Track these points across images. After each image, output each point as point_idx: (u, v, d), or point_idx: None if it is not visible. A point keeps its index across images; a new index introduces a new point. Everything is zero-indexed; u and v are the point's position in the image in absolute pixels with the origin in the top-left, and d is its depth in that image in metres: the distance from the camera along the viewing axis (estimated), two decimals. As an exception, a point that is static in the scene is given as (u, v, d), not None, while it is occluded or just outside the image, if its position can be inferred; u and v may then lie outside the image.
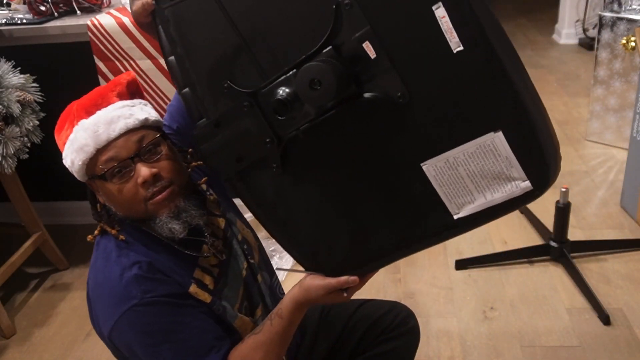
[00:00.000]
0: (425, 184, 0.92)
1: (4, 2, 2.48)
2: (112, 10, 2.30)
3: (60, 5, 2.33)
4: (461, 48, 0.82)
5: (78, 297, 2.34)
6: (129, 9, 2.23)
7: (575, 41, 4.77)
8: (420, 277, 2.27)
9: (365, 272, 1.02)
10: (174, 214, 1.04)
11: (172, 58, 0.98)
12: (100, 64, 2.26)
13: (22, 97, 2.02)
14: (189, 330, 1.01)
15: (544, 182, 0.89)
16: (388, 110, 0.88)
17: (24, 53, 2.36)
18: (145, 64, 2.24)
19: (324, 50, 0.86)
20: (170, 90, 2.29)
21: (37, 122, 2.11)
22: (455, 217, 0.93)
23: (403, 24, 0.83)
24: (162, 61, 2.23)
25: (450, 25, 0.81)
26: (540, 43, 4.92)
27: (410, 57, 0.85)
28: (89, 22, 2.20)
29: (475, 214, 0.92)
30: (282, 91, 0.89)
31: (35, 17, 2.32)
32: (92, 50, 2.23)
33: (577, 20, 4.72)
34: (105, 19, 2.20)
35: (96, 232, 1.09)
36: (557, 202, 2.17)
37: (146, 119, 1.04)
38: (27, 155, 2.11)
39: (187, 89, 0.98)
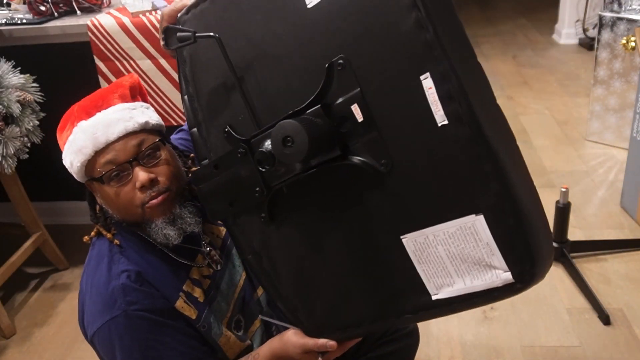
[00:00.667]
0: (404, 257, 0.88)
1: (4, 2, 2.48)
2: (112, 10, 2.30)
3: (60, 5, 2.33)
4: (446, 122, 0.78)
5: (78, 297, 2.34)
6: (129, 9, 2.23)
7: (575, 41, 4.77)
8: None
9: (344, 338, 0.99)
10: (169, 219, 1.03)
11: (185, 97, 1.01)
12: (100, 64, 2.26)
13: (22, 97, 2.02)
14: (167, 351, 1.00)
15: (528, 277, 0.81)
16: (371, 176, 0.85)
17: (24, 53, 2.36)
18: (145, 64, 2.24)
19: (312, 108, 0.85)
20: (170, 90, 2.29)
21: (37, 122, 2.11)
22: (433, 297, 0.88)
23: (392, 89, 0.81)
24: (162, 61, 2.23)
25: (436, 98, 0.78)
26: (540, 43, 4.92)
27: (397, 125, 0.82)
28: (89, 22, 2.20)
29: (453, 298, 0.87)
30: (268, 144, 0.88)
31: (35, 17, 2.32)
32: (92, 50, 2.23)
33: (577, 20, 4.72)
34: (105, 19, 2.20)
35: (92, 233, 1.09)
36: (557, 202, 2.17)
37: (146, 123, 1.03)
38: (27, 155, 2.11)
39: (195, 129, 1.00)
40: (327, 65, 0.83)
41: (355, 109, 0.83)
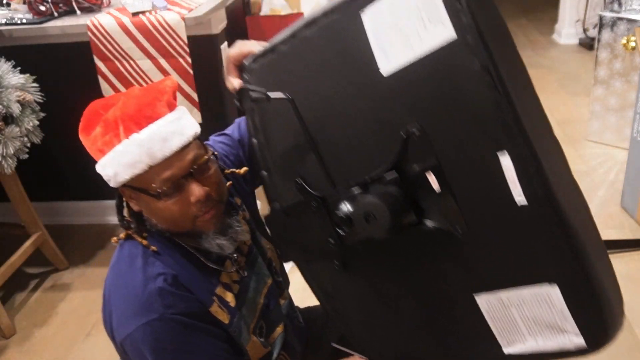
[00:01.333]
0: (477, 313, 0.89)
1: (4, 2, 2.48)
2: (112, 10, 2.30)
3: (60, 5, 2.33)
4: (525, 203, 0.77)
5: (78, 297, 2.34)
6: (129, 9, 2.23)
7: (575, 41, 4.76)
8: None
9: None
10: (220, 230, 1.03)
11: (254, 141, 1.03)
12: (100, 64, 2.26)
13: (22, 97, 2.02)
14: (201, 354, 1.00)
15: (600, 342, 0.84)
16: (445, 239, 0.86)
17: (24, 53, 2.36)
18: (145, 64, 2.24)
19: (388, 174, 0.86)
20: (170, 90, 2.29)
21: (37, 122, 2.11)
22: (505, 350, 0.91)
23: (469, 161, 0.80)
24: (162, 61, 2.23)
25: (515, 178, 0.76)
26: (540, 43, 4.92)
27: (473, 195, 0.82)
28: (89, 22, 2.20)
29: (525, 355, 0.89)
30: (346, 207, 0.89)
31: (35, 17, 2.32)
32: (92, 50, 2.23)
33: (577, 20, 4.71)
34: (105, 19, 2.20)
35: (122, 235, 1.06)
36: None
37: (195, 133, 1.01)
38: (27, 155, 2.11)
39: (264, 172, 1.03)
40: (403, 133, 0.83)
41: (431, 177, 0.84)
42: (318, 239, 0.97)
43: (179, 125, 0.98)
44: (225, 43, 2.44)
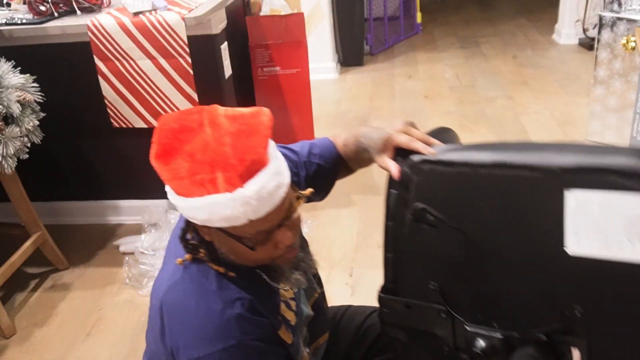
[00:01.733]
0: None
1: (4, 2, 2.48)
2: (112, 10, 2.30)
3: (60, 5, 2.33)
4: None
5: (78, 297, 2.34)
6: (129, 9, 2.23)
7: (575, 41, 4.77)
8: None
9: None
10: (294, 264, 1.02)
11: (390, 224, 1.03)
12: (100, 64, 2.26)
13: (22, 97, 2.02)
14: None
15: None
16: None
17: (24, 53, 2.36)
18: (145, 64, 2.24)
19: (536, 337, 0.87)
20: (170, 90, 2.29)
21: (37, 122, 2.11)
22: None
23: (620, 350, 0.82)
24: (162, 61, 2.23)
25: None
26: (540, 43, 4.92)
27: None
28: (89, 22, 2.20)
29: None
30: (480, 343, 0.91)
31: (35, 17, 2.32)
32: (92, 50, 2.23)
33: (577, 20, 4.72)
34: (105, 19, 2.20)
35: (187, 257, 1.01)
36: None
37: (290, 179, 0.94)
38: (27, 155, 2.11)
39: (390, 255, 1.04)
40: (567, 311, 0.84)
41: (576, 353, 0.85)
42: (433, 342, 1.00)
43: (280, 177, 0.89)
44: (225, 43, 2.44)
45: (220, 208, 0.85)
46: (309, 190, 1.04)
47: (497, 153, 0.90)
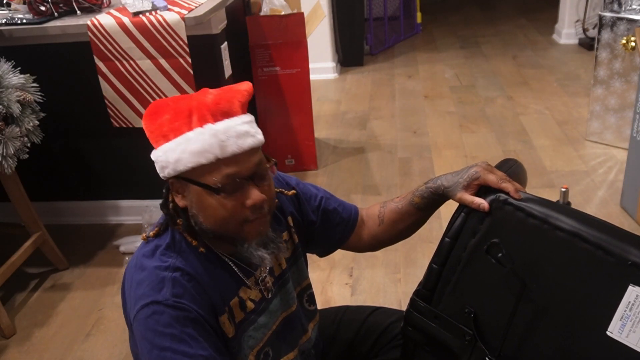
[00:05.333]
0: None
1: (4, 2, 2.48)
2: (112, 10, 2.30)
3: (60, 5, 2.33)
4: None
5: (78, 297, 2.34)
6: (129, 9, 2.23)
7: (575, 41, 4.77)
8: (420, 277, 2.26)
9: None
10: (262, 242, 1.02)
11: (448, 241, 1.08)
12: (100, 64, 2.26)
13: (22, 97, 2.02)
14: (199, 350, 0.96)
15: None
16: None
17: (24, 53, 2.36)
18: (145, 64, 2.24)
19: None
20: (170, 90, 2.29)
21: (37, 122, 2.11)
22: None
23: None
24: (162, 61, 2.23)
25: None
26: (540, 43, 4.92)
27: None
28: (89, 22, 2.20)
29: None
30: None
31: (35, 17, 2.32)
32: (92, 50, 2.23)
33: (577, 20, 4.72)
34: (105, 19, 2.20)
35: (152, 233, 1.06)
36: (557, 202, 2.16)
37: (262, 141, 1.01)
38: (27, 155, 2.11)
39: (437, 266, 1.09)
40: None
41: None
42: (446, 354, 1.05)
43: (253, 128, 0.99)
44: (225, 43, 2.44)
45: (191, 143, 0.95)
46: (292, 192, 1.18)
47: (579, 224, 0.95)
